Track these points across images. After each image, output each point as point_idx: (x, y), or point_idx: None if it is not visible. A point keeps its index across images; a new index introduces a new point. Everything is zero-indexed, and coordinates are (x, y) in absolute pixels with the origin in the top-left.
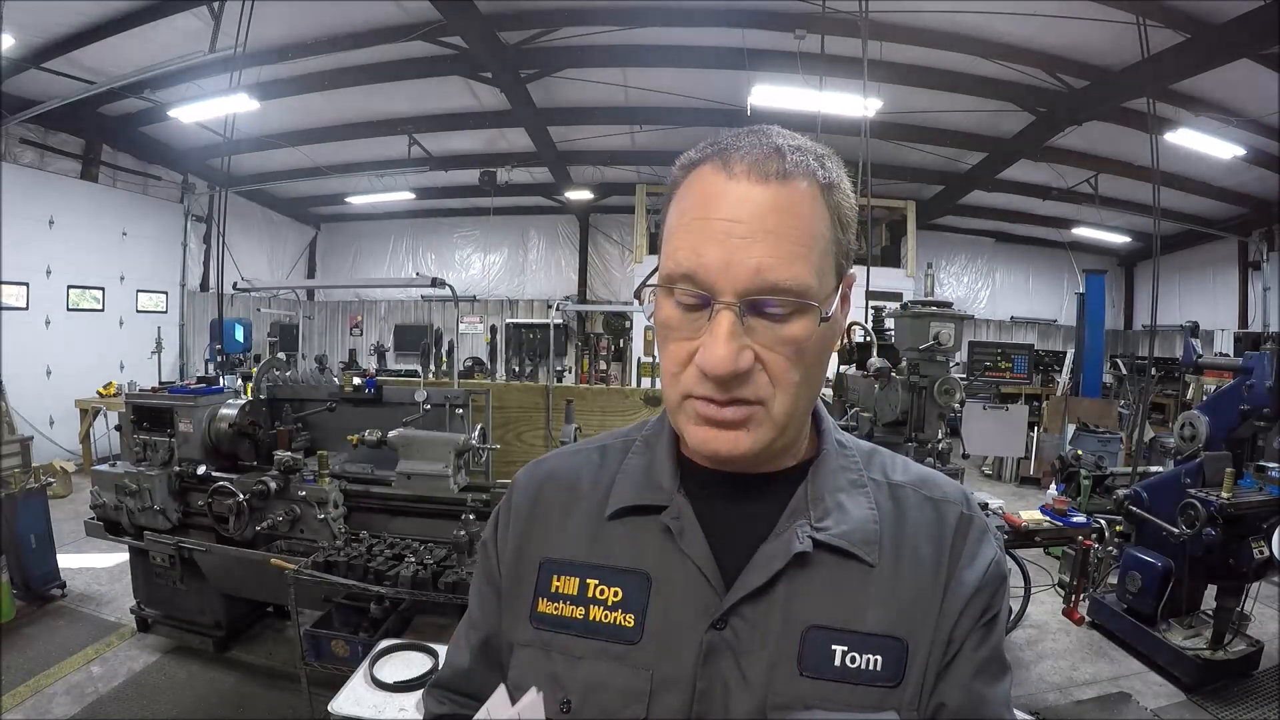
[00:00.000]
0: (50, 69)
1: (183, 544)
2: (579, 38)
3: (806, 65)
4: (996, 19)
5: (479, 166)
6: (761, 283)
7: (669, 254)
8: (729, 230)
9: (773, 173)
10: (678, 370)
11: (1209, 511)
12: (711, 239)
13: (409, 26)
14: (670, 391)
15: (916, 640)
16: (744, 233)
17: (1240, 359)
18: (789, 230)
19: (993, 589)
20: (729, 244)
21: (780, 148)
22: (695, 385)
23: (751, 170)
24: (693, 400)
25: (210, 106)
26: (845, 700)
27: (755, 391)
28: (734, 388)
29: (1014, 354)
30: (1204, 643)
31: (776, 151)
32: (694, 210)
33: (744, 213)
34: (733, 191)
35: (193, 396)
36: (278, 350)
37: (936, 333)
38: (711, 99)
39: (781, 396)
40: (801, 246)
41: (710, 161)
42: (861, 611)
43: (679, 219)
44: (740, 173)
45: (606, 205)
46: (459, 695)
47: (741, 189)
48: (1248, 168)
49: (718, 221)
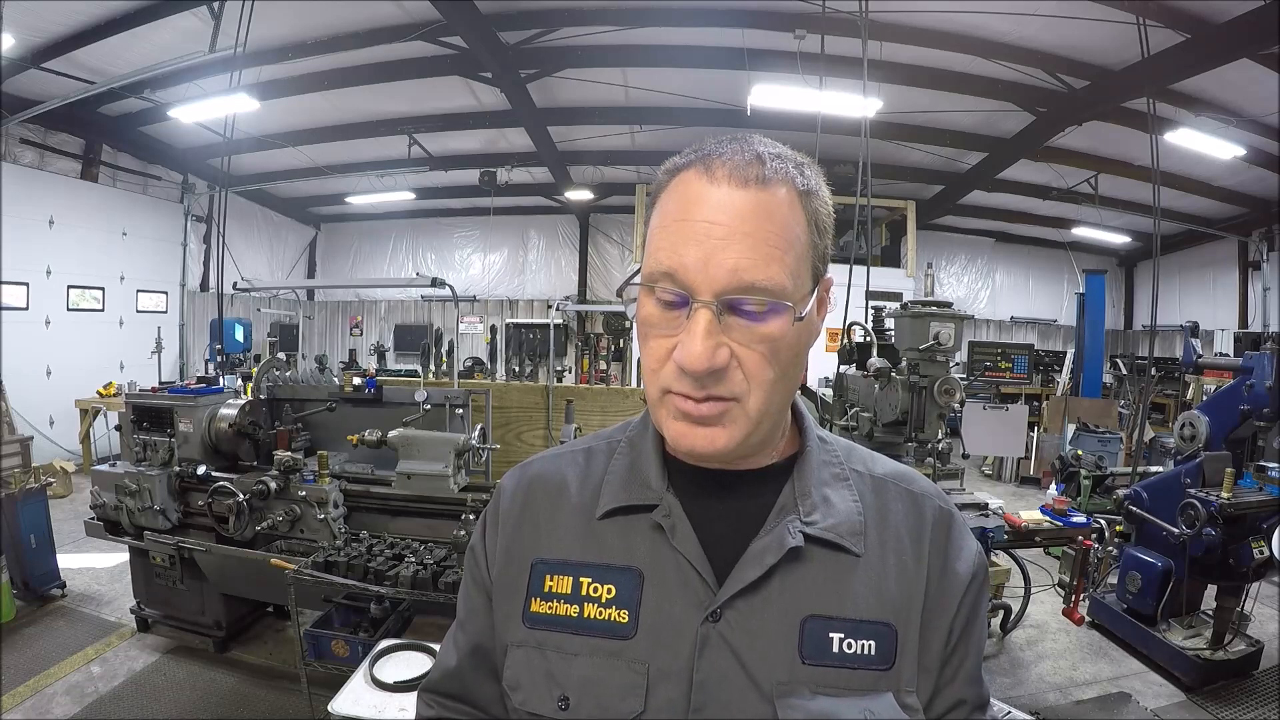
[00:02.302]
0: (50, 69)
1: (183, 544)
2: (579, 38)
3: (806, 65)
4: (996, 19)
5: (479, 166)
6: (738, 282)
7: (651, 254)
8: (708, 232)
9: (753, 178)
10: (657, 366)
11: (1209, 511)
12: (691, 240)
13: (409, 26)
14: (651, 387)
15: (905, 625)
16: (722, 234)
17: (1240, 359)
18: (766, 233)
19: (982, 577)
20: (708, 244)
21: (760, 155)
22: (673, 381)
23: (732, 175)
24: (671, 396)
25: (210, 106)
26: (845, 684)
27: (730, 388)
28: (710, 384)
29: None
30: (1204, 643)
31: (757, 158)
32: (676, 212)
33: (723, 215)
34: (713, 195)
35: (193, 396)
36: (278, 350)
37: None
38: (711, 99)
39: (756, 392)
40: (777, 249)
41: (693, 167)
42: (852, 599)
43: (661, 220)
44: (721, 177)
45: (606, 205)
46: (448, 698)
47: (722, 193)
48: (1248, 168)
49: (698, 224)
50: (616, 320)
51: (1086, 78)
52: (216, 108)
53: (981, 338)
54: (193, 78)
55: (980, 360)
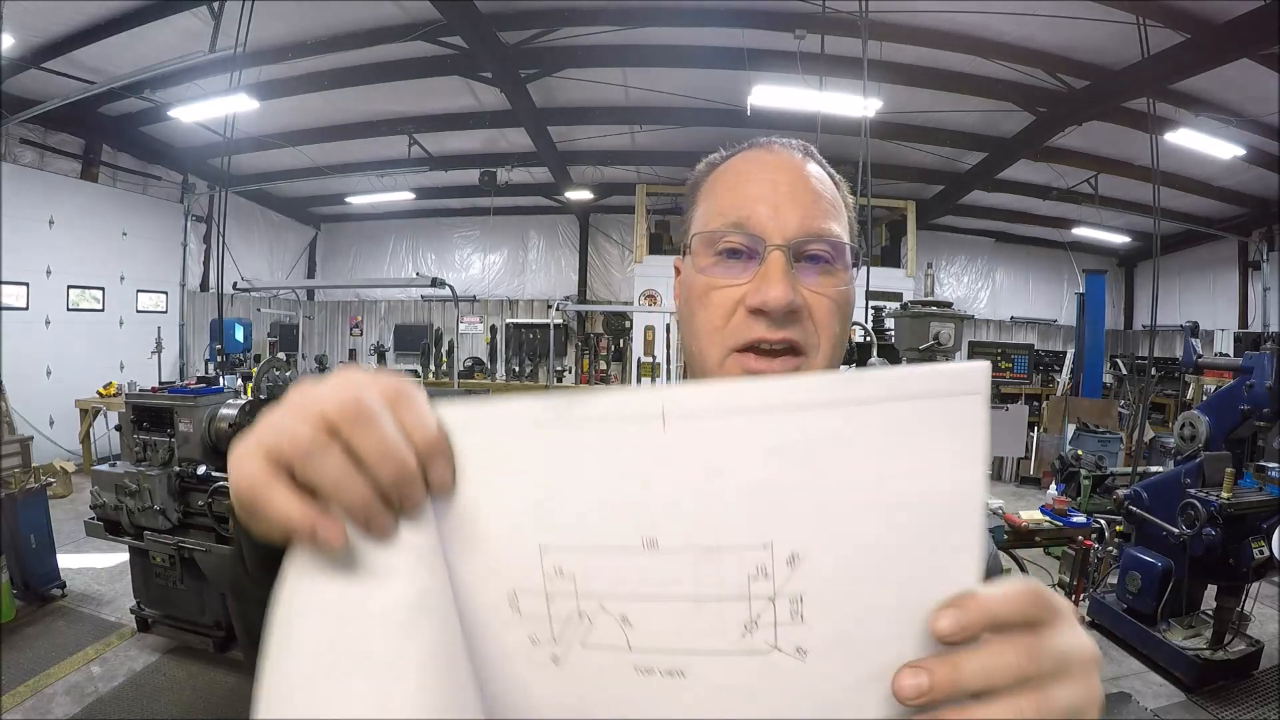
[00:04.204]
0: (50, 69)
1: (183, 544)
2: (579, 38)
3: (806, 65)
4: (996, 19)
5: (479, 166)
6: (808, 228)
7: (712, 214)
8: (774, 187)
9: (805, 155)
10: (722, 322)
11: (1209, 511)
12: (759, 192)
13: (409, 26)
14: (712, 350)
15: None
16: (788, 190)
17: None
18: (825, 194)
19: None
20: (776, 196)
21: (808, 147)
22: (745, 330)
23: (787, 148)
24: (738, 356)
25: (210, 106)
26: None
27: (803, 333)
28: (787, 324)
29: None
30: (1204, 643)
31: (804, 147)
32: (737, 177)
33: (786, 175)
34: (773, 159)
35: (193, 396)
36: (278, 350)
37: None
38: (711, 99)
39: (824, 346)
40: (835, 209)
41: (746, 149)
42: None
43: (717, 189)
44: (778, 150)
45: (606, 205)
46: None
47: (783, 157)
48: (1248, 168)
49: (763, 181)
50: (616, 320)
51: (1086, 78)
52: (216, 108)
53: (981, 338)
54: (193, 78)
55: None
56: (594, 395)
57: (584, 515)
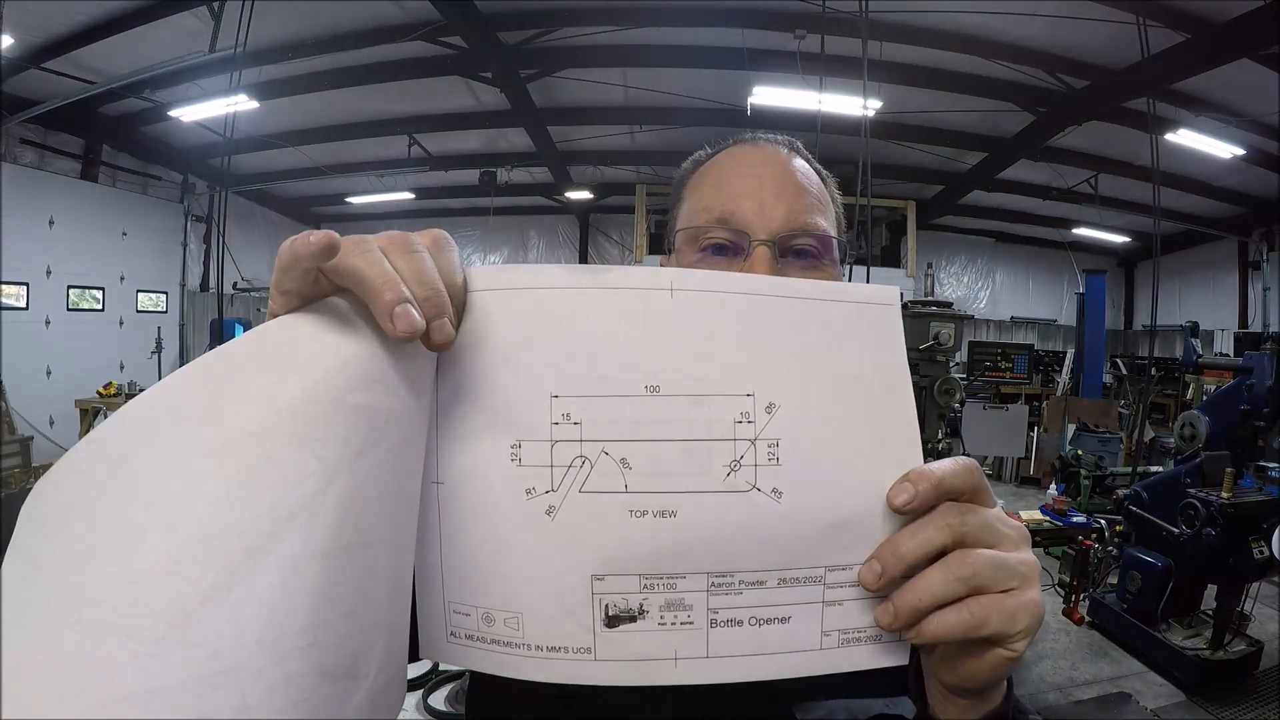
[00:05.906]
0: (50, 69)
1: None
2: (579, 38)
3: (806, 65)
4: (996, 19)
5: (479, 166)
6: (794, 223)
7: (697, 210)
8: (759, 182)
9: (791, 149)
10: None
11: (1209, 511)
12: (744, 187)
13: (409, 26)
14: None
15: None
16: (773, 185)
17: (1240, 359)
18: (811, 189)
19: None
20: (761, 192)
21: (794, 143)
22: None
23: (772, 144)
24: None
25: (210, 106)
26: (858, 685)
27: None
28: None
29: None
30: (1204, 643)
31: (789, 142)
32: (722, 173)
33: (771, 170)
34: (759, 154)
35: None
36: None
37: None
38: (711, 99)
39: None
40: (822, 204)
41: (732, 145)
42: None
43: (703, 185)
44: (763, 144)
45: (606, 205)
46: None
47: (768, 152)
48: (1248, 168)
49: (748, 176)
50: None
51: (1086, 78)
52: (216, 108)
53: (981, 338)
54: (193, 78)
55: (980, 360)
56: (611, 267)
57: (596, 365)
